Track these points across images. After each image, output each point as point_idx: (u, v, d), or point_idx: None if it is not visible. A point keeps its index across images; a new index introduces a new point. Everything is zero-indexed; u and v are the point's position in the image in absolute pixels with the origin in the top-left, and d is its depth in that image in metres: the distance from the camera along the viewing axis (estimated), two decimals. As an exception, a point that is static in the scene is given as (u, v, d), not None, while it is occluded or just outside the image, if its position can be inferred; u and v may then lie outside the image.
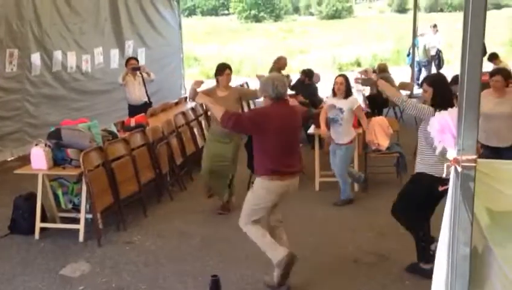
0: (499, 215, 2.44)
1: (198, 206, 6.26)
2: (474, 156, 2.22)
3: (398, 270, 4.57)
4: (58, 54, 8.92)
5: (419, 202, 4.26)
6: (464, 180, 2.26)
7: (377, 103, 9.37)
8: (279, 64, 9.13)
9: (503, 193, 2.43)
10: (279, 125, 4.00)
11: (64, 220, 5.57)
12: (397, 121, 8.20)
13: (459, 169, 2.23)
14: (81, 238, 5.24)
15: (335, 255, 4.90)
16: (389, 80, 9.66)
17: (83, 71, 9.61)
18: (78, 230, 5.27)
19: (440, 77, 4.62)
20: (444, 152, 2.35)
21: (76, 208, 5.53)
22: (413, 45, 11.42)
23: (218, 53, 21.69)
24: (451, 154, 2.28)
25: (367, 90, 9.55)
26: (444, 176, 3.90)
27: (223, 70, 5.86)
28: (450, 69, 11.94)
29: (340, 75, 6.25)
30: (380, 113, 8.89)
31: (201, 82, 5.85)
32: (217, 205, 6.06)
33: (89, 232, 5.29)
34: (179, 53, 13.33)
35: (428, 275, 4.30)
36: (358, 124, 6.44)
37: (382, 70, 10.06)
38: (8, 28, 7.86)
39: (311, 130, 6.91)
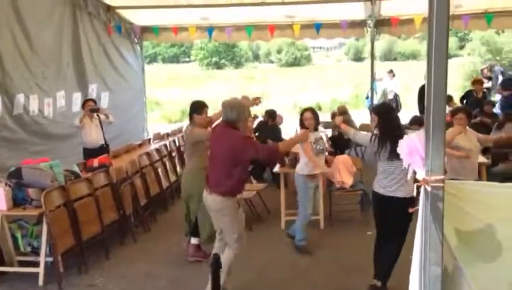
0: (466, 235, 2.51)
1: (162, 247, 6.12)
2: (442, 177, 2.30)
3: None
4: (20, 97, 8.73)
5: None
6: (433, 200, 2.33)
7: (339, 144, 9.56)
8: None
9: (469, 213, 2.50)
10: (211, 144, 4.65)
11: (23, 263, 5.32)
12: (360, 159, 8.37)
13: (428, 189, 2.30)
14: (40, 282, 5.01)
15: (305, 288, 4.87)
16: (349, 121, 9.95)
17: (44, 115, 9.42)
18: (37, 274, 5.04)
19: (384, 106, 4.96)
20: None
21: (35, 251, 5.31)
22: (372, 89, 11.88)
23: (180, 98, 21.80)
24: (421, 175, 2.35)
25: (329, 132, 9.76)
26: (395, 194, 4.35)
27: (202, 108, 5.52)
28: (407, 112, 12.39)
29: (307, 110, 6.04)
30: (342, 153, 9.05)
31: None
32: (181, 247, 5.89)
33: (48, 275, 5.07)
34: (141, 97, 13.31)
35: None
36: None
37: (342, 112, 10.32)
38: (-32, 69, 7.70)
39: (276, 168, 6.95)
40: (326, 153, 6.32)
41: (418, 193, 2.37)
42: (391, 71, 13.70)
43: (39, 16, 9.15)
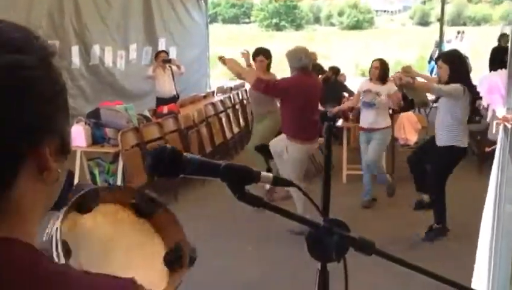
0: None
1: (227, 192, 6.35)
2: (524, 115, 2.31)
3: (428, 255, 4.63)
4: (96, 48, 9.14)
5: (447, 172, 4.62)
6: (512, 138, 2.34)
7: (404, 104, 9.40)
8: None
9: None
10: (303, 94, 4.52)
11: (99, 198, 5.72)
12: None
13: (509, 126, 2.31)
14: (116, 216, 5.39)
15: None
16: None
17: (117, 67, 9.82)
18: (112, 208, 5.41)
19: (455, 53, 4.71)
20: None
21: (110, 188, 5.69)
22: (440, 50, 11.50)
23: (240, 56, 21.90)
24: (501, 113, 2.36)
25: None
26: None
27: (256, 55, 5.87)
28: (476, 77, 11.97)
29: (377, 59, 5.94)
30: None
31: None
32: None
33: (122, 210, 5.43)
34: (205, 52, 13.54)
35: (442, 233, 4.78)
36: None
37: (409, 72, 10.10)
38: (50, 19, 8.09)
39: (340, 123, 6.99)
40: (391, 111, 6.33)
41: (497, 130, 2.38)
42: (462, 32, 13.18)
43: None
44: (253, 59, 5.89)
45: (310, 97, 4.56)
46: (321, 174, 6.98)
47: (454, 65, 4.33)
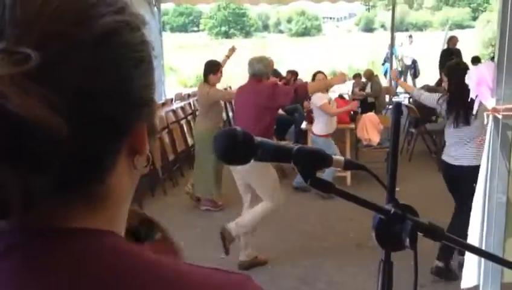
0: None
1: (191, 200, 6.22)
2: (513, 105, 2.33)
3: (401, 252, 4.65)
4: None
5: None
6: (503, 129, 2.35)
7: (364, 106, 9.57)
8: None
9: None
10: (237, 101, 4.64)
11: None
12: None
13: (499, 117, 2.32)
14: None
15: (337, 241, 4.97)
16: (379, 84, 9.98)
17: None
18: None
19: (456, 66, 4.49)
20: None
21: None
22: (391, 54, 11.77)
23: (193, 64, 21.74)
24: (491, 104, 2.37)
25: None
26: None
27: (218, 67, 5.72)
28: (424, 80, 12.35)
29: (319, 72, 6.46)
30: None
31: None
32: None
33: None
34: (159, 60, 13.25)
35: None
36: (350, 120, 6.63)
37: (370, 76, 10.31)
38: None
39: (304, 125, 6.99)
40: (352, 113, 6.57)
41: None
42: (410, 36, 13.62)
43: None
44: (216, 72, 5.73)
45: (237, 107, 4.68)
46: (283, 179, 6.96)
47: (453, 78, 3.95)
